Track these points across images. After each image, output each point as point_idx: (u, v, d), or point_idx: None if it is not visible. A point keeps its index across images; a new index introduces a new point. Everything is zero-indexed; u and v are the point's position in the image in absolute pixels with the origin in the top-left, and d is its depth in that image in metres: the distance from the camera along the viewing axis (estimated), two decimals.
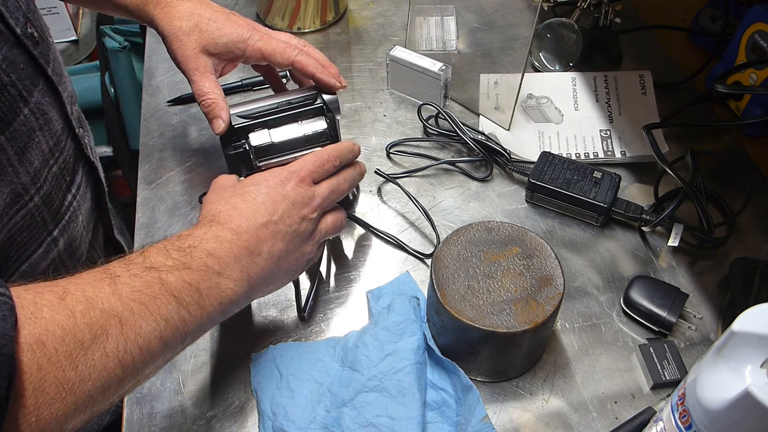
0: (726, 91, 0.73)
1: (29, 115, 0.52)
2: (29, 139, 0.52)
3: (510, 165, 0.74)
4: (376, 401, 0.54)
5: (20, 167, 0.51)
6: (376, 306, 0.61)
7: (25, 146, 0.52)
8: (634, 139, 0.77)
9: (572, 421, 0.56)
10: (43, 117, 0.54)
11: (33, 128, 0.53)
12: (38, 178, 0.54)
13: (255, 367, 0.58)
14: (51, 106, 0.56)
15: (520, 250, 0.57)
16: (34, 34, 0.54)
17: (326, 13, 0.95)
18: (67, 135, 0.59)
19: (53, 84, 0.57)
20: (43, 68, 0.55)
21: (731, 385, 0.38)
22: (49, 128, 0.56)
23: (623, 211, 0.68)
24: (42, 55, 0.55)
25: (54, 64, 0.58)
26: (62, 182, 0.59)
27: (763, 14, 0.74)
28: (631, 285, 0.62)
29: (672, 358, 0.58)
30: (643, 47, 0.90)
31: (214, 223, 0.50)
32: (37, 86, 0.54)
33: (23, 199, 0.53)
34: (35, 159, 0.53)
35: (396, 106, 0.84)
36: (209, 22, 0.62)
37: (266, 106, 0.62)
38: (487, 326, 0.52)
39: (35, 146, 0.53)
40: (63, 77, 0.60)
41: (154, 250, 0.46)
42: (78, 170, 0.62)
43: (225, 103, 0.61)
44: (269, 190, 0.53)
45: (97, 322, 0.38)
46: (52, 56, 0.58)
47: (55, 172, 0.57)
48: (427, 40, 0.90)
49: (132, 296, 0.41)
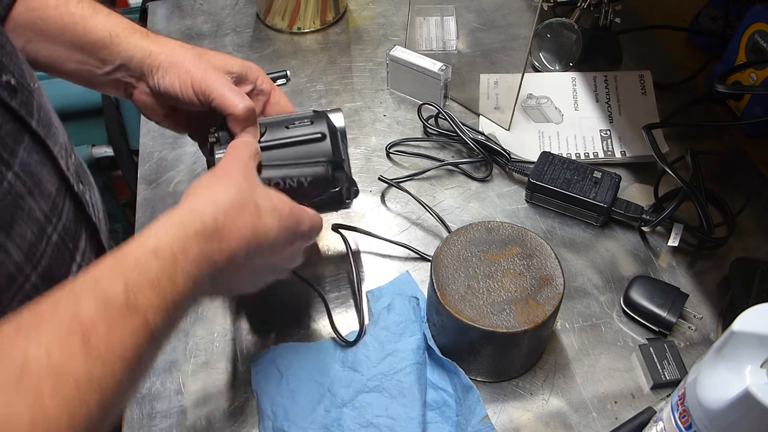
0: (726, 91, 0.73)
1: (14, 179, 0.44)
2: (17, 208, 0.44)
3: (510, 165, 0.74)
4: (377, 401, 0.54)
5: (9, 243, 0.44)
6: (376, 306, 0.61)
7: (13, 218, 0.44)
8: (634, 139, 0.77)
9: (572, 421, 0.56)
10: (32, 179, 0.46)
11: (20, 195, 0.45)
12: (34, 253, 0.46)
13: (255, 368, 0.58)
14: (40, 164, 0.48)
15: (520, 250, 0.57)
16: (11, 82, 0.46)
17: (326, 13, 0.95)
18: (64, 195, 0.51)
19: (40, 138, 0.48)
20: (26, 121, 0.47)
21: (731, 385, 0.38)
22: (41, 191, 0.47)
23: (623, 211, 0.68)
24: (23, 106, 0.47)
25: (40, 114, 0.49)
26: (65, 252, 0.50)
27: (763, 14, 0.74)
28: (631, 285, 0.62)
29: (672, 358, 0.58)
30: (643, 47, 0.90)
31: (214, 242, 0.42)
32: (21, 143, 0.46)
33: (18, 281, 0.45)
34: (27, 231, 0.45)
35: (396, 106, 0.84)
36: (211, 54, 0.56)
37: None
38: (487, 326, 0.52)
39: (26, 216, 0.45)
40: (52, 127, 0.51)
41: (143, 283, 0.37)
42: (81, 234, 0.53)
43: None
44: (280, 233, 0.47)
45: (73, 401, 0.32)
46: (37, 104, 0.50)
47: (55, 241, 0.49)
48: (427, 40, 0.90)
49: (110, 356, 0.34)
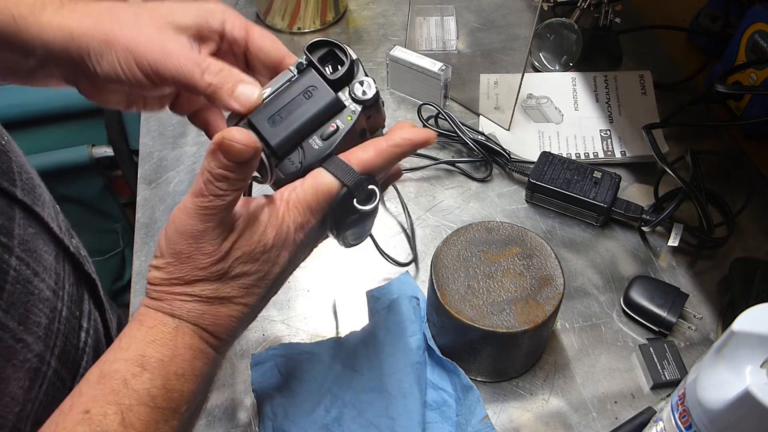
0: (726, 91, 0.73)
1: (19, 265, 0.39)
2: (28, 295, 0.39)
3: (510, 165, 0.74)
4: (377, 401, 0.54)
5: (28, 336, 0.39)
6: (376, 306, 0.61)
7: (27, 307, 0.39)
8: (634, 139, 0.77)
9: (572, 421, 0.56)
10: (33, 257, 0.40)
11: (28, 279, 0.39)
12: (50, 337, 0.41)
13: (255, 368, 0.58)
14: (36, 236, 0.42)
15: (520, 250, 0.57)
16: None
17: (326, 13, 0.95)
18: (63, 260, 0.45)
19: (29, 208, 0.42)
20: (11, 193, 0.40)
21: (731, 385, 0.38)
22: (44, 267, 0.42)
23: (623, 211, 0.68)
24: (4, 175, 0.40)
25: (21, 178, 0.42)
26: (74, 323, 0.45)
27: (763, 14, 0.74)
28: (631, 285, 0.62)
29: (672, 358, 0.58)
30: (643, 47, 0.90)
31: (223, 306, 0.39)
32: (14, 220, 0.40)
33: (41, 372, 0.40)
34: (41, 316, 0.40)
35: (396, 106, 0.84)
36: (151, 8, 0.41)
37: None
38: (487, 326, 0.52)
39: (38, 300, 0.40)
40: (36, 188, 0.44)
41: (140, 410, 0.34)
42: (83, 296, 0.48)
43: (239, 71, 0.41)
44: (292, 255, 0.41)
45: None
46: (16, 166, 0.42)
47: (65, 316, 0.44)
48: (427, 40, 0.90)
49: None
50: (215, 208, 0.36)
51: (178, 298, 0.38)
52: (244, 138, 0.36)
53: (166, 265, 0.37)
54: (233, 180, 0.36)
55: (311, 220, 0.40)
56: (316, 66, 0.42)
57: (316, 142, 0.42)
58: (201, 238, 0.37)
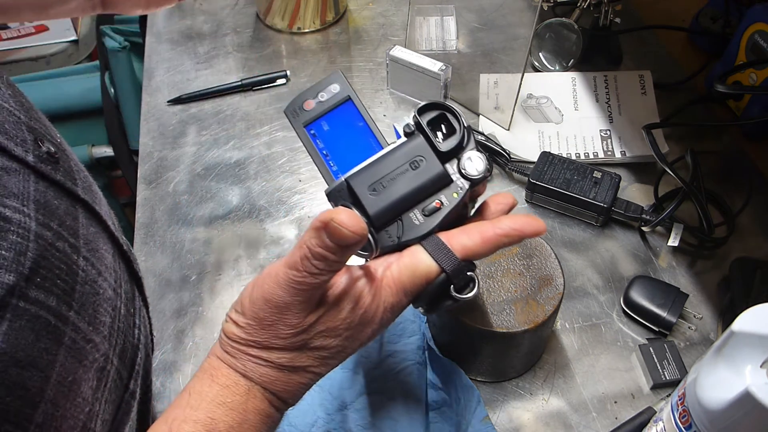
0: (726, 91, 0.73)
1: (85, 264, 0.38)
2: (95, 295, 0.38)
3: (510, 165, 0.74)
4: (378, 403, 0.54)
5: (96, 337, 0.38)
6: None
7: (95, 308, 0.38)
8: (634, 139, 0.77)
9: (572, 421, 0.56)
10: (96, 256, 0.40)
11: (94, 280, 0.39)
12: (113, 336, 0.41)
13: None
14: (97, 236, 0.41)
15: (520, 250, 0.57)
16: (51, 150, 0.39)
17: (326, 13, 0.95)
18: (118, 259, 0.45)
19: (90, 206, 0.41)
20: (74, 192, 0.40)
21: (731, 385, 0.38)
22: (106, 266, 0.41)
23: (623, 211, 0.68)
24: (67, 175, 0.40)
25: (80, 176, 0.42)
26: (129, 320, 0.45)
27: (763, 14, 0.74)
28: (631, 285, 0.62)
29: (672, 358, 0.58)
30: (643, 47, 0.90)
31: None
32: (77, 219, 0.39)
33: (107, 371, 0.40)
34: (106, 315, 0.40)
35: (396, 106, 0.84)
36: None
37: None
38: (487, 326, 0.52)
39: (102, 300, 0.39)
40: (92, 188, 0.44)
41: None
42: (135, 294, 0.48)
43: None
44: (375, 331, 0.40)
45: None
46: (75, 166, 0.42)
47: (123, 314, 0.43)
48: (427, 40, 0.90)
49: None
50: (307, 285, 0.36)
51: (253, 360, 0.38)
52: (354, 224, 0.35)
53: (246, 325, 0.38)
54: (332, 261, 0.35)
55: (403, 301, 0.39)
56: (426, 132, 0.40)
57: (417, 218, 0.40)
58: (287, 310, 0.37)
